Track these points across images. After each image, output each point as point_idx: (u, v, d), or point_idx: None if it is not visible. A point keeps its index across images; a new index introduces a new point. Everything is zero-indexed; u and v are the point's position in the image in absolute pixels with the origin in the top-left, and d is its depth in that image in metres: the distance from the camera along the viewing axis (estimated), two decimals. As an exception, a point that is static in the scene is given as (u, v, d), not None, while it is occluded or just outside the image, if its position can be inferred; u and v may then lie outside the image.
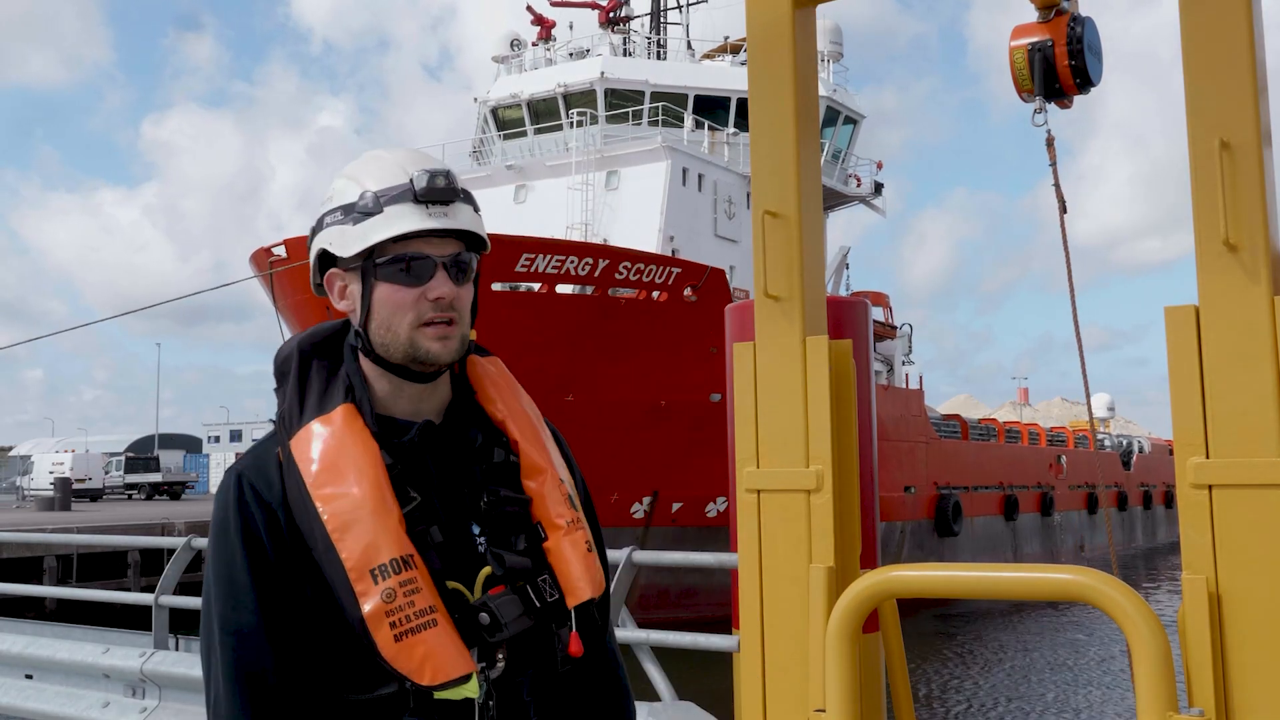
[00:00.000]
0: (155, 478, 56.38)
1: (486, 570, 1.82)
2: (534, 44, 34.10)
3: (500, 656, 1.82)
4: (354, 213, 1.82)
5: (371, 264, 1.82)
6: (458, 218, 1.83)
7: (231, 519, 1.79)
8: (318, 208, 1.92)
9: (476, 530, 1.85)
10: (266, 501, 1.79)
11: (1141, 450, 48.96)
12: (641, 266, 24.20)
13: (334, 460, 1.78)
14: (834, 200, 34.72)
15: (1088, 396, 5.16)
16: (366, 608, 1.70)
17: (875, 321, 31.74)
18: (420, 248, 1.81)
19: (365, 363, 1.88)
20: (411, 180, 1.81)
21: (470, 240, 1.88)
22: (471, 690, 1.75)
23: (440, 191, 1.80)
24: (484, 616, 1.78)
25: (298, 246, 23.86)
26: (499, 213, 28.30)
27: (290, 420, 1.85)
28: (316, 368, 1.89)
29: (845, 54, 34.96)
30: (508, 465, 1.89)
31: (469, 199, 1.87)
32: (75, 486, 45.48)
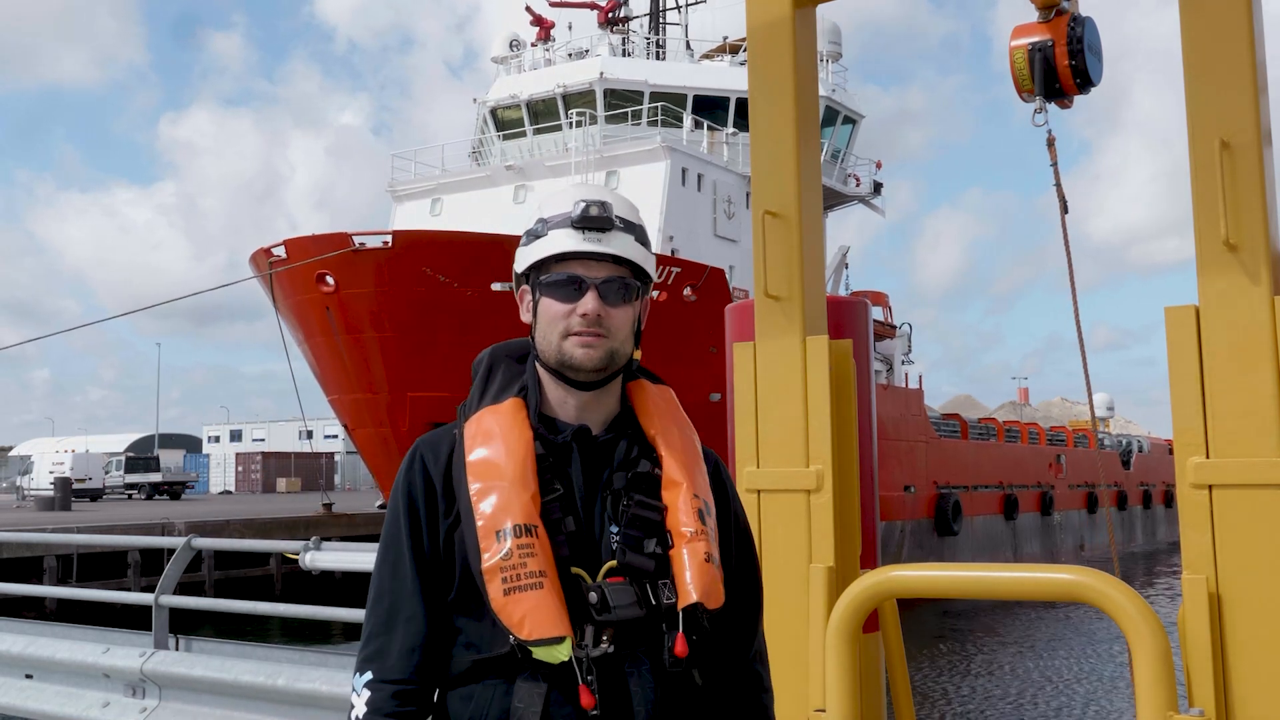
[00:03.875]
0: (155, 478, 56.29)
1: (611, 564, 2.01)
2: (533, 45, 34.08)
3: (605, 639, 1.96)
4: (529, 236, 2.11)
5: (538, 280, 2.09)
6: (610, 243, 2.06)
7: (401, 484, 2.10)
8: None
9: (615, 530, 2.03)
10: (430, 472, 2.08)
11: (1141, 450, 48.92)
12: (641, 266, 24.17)
13: (492, 440, 2.05)
14: (833, 200, 34.71)
15: (1090, 396, 5.17)
16: (486, 562, 1.95)
17: (875, 321, 31.73)
18: (575, 269, 2.06)
19: (541, 369, 2.13)
20: (573, 208, 2.07)
21: (636, 269, 2.10)
22: (564, 653, 1.91)
23: (593, 219, 2.05)
24: (593, 596, 1.96)
25: (297, 247, 23.86)
26: (498, 213, 28.31)
27: (469, 407, 2.15)
28: (504, 369, 2.18)
29: (870, 53, 35.32)
30: (650, 476, 2.08)
31: (631, 229, 2.09)
32: (75, 486, 45.41)
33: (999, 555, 33.39)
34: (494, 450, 2.03)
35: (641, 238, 2.12)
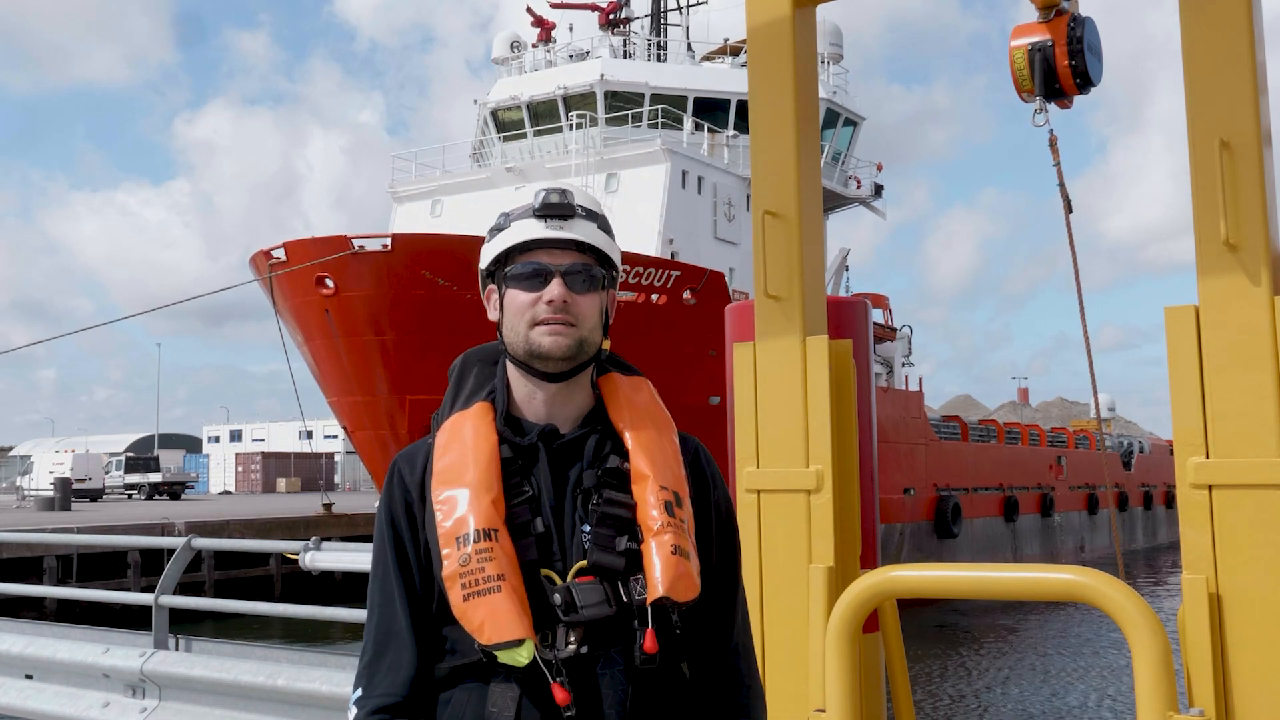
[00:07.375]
0: (155, 478, 56.24)
1: (581, 564, 1.99)
2: (534, 46, 34.08)
3: (573, 639, 1.94)
4: (493, 232, 2.13)
5: (503, 273, 2.09)
6: (573, 229, 2.06)
7: (382, 501, 2.12)
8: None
9: (587, 529, 2.01)
10: (406, 484, 2.09)
11: (1142, 450, 48.90)
12: (640, 269, 24.19)
13: (457, 447, 2.05)
14: (833, 202, 34.70)
15: (1095, 396, 5.18)
16: (446, 568, 1.96)
17: (875, 324, 31.72)
18: (540, 258, 2.06)
19: (510, 366, 2.13)
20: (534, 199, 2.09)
21: (601, 258, 2.10)
22: (524, 656, 1.89)
23: (554, 207, 2.06)
24: (557, 597, 1.94)
25: (296, 250, 23.85)
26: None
27: (441, 414, 2.15)
28: (476, 372, 2.18)
29: (898, 51, 35.11)
30: (619, 471, 2.06)
31: (593, 217, 2.10)
32: (75, 486, 45.40)
33: (999, 557, 33.35)
34: (458, 456, 2.03)
35: (604, 226, 2.12)
